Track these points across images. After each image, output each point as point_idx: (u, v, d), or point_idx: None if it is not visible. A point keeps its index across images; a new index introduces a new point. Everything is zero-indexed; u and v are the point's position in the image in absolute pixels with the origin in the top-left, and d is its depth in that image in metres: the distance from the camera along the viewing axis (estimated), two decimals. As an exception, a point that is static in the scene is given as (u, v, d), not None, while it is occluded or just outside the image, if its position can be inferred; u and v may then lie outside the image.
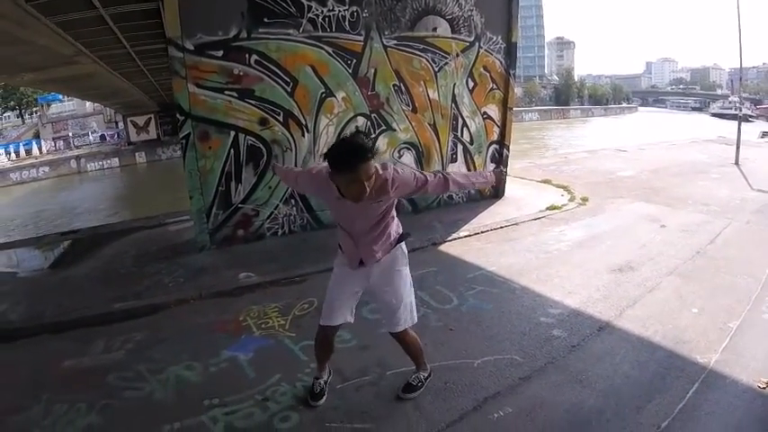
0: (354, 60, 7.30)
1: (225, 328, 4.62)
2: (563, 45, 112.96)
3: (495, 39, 8.35)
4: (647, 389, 3.27)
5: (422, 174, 2.97)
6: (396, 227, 3.02)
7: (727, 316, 4.21)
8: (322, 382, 3.34)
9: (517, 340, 3.88)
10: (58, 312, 5.46)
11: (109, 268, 6.88)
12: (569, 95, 77.04)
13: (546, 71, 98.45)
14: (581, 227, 6.88)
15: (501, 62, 8.50)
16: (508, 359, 3.62)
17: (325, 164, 2.64)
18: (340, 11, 7.15)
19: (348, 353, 3.77)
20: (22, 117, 60.23)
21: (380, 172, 2.70)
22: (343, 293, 3.08)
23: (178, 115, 6.62)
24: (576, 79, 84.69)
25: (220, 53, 6.62)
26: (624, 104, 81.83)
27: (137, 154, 46.74)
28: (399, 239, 3.04)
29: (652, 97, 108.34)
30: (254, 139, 6.90)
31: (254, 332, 4.47)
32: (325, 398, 3.29)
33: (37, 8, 11.11)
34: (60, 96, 48.29)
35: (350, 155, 2.51)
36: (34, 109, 58.61)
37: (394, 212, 2.99)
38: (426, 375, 3.38)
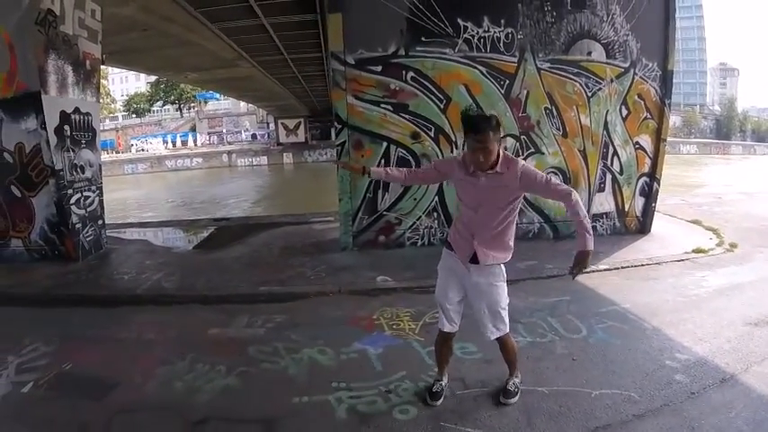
0: (507, 81, 7.37)
1: (358, 323, 4.98)
2: (726, 72, 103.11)
3: (650, 65, 7.93)
4: (756, 448, 3.07)
5: (548, 175, 3.12)
6: (511, 240, 3.20)
7: None
8: (443, 384, 3.55)
9: (639, 379, 3.78)
10: (208, 287, 6.21)
11: (257, 255, 7.62)
12: (731, 129, 70.19)
13: (707, 100, 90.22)
14: (724, 274, 6.36)
15: (656, 90, 8.04)
16: (626, 395, 3.55)
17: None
18: (495, 32, 7.28)
19: (472, 364, 3.95)
20: (181, 111, 66.66)
21: (511, 157, 3.06)
22: (447, 300, 3.31)
23: (336, 123, 7.21)
24: (740, 111, 76.85)
25: (379, 68, 7.10)
26: (790, 144, 72.78)
27: (284, 154, 50.15)
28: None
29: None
30: (404, 152, 7.27)
31: (385, 331, 4.77)
32: (443, 399, 3.47)
33: (204, 15, 12.56)
34: (217, 95, 52.84)
35: (481, 119, 2.93)
36: (192, 104, 64.53)
37: (515, 220, 3.17)
38: (519, 381, 3.56)
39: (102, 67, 8.73)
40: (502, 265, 3.22)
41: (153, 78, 57.80)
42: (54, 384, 3.96)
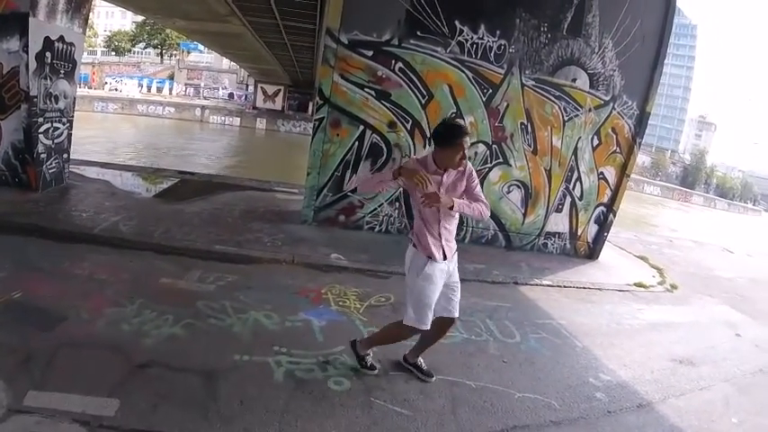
0: (490, 90, 7.52)
1: (307, 294, 5.15)
2: (704, 125, 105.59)
3: (630, 103, 8.18)
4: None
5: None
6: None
7: (765, 435, 4.09)
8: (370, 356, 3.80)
9: (561, 390, 4.01)
10: (165, 237, 6.23)
11: (217, 213, 7.65)
12: (696, 179, 72.36)
13: (680, 147, 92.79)
14: (660, 311, 6.67)
15: (630, 128, 8.30)
16: (546, 402, 3.77)
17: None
18: (489, 41, 7.41)
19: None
20: (162, 57, 64.66)
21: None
22: (434, 297, 3.42)
23: (318, 99, 7.28)
24: (708, 164, 79.28)
25: (370, 53, 7.17)
26: (749, 205, 75.39)
27: (258, 119, 49.31)
28: None
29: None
30: (378, 138, 7.39)
31: (331, 306, 4.95)
32: (377, 370, 3.75)
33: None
34: (201, 47, 51.34)
35: (457, 131, 3.22)
36: (174, 52, 62.81)
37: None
38: None
39: (93, -1, 8.50)
40: None
41: (140, 18, 56.02)
42: (2, 310, 3.94)
